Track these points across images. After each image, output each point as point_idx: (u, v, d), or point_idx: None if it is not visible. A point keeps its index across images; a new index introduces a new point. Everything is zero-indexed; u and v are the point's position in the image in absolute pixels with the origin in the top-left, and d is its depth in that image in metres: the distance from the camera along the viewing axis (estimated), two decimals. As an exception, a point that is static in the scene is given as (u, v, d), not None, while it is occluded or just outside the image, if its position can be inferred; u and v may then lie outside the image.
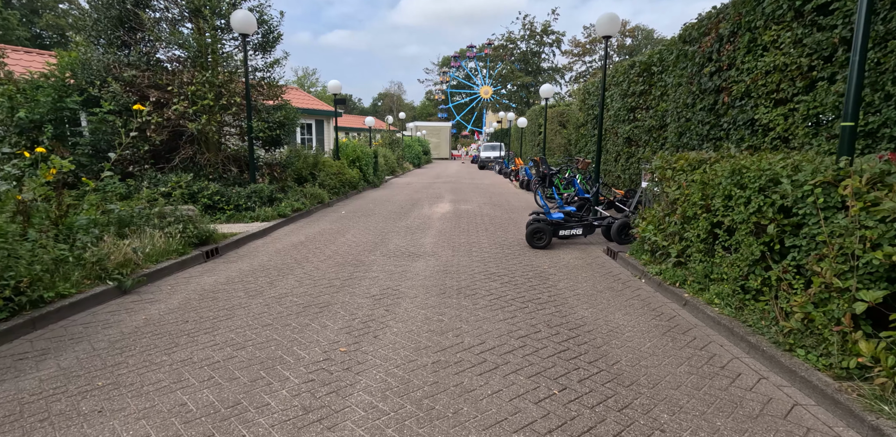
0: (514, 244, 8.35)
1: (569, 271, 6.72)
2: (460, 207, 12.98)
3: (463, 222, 10.55)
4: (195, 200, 9.52)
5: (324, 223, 10.41)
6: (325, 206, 12.94)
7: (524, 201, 14.66)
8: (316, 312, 4.87)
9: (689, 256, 5.56)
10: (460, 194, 16.39)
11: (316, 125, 17.28)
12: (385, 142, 26.51)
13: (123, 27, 9.60)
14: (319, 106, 17.33)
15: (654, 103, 10.97)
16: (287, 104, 11.58)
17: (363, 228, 9.87)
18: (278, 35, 11.48)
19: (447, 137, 47.89)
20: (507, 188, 19.14)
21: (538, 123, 23.82)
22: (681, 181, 5.94)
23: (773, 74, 6.05)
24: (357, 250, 7.73)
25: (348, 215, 11.54)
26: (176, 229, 6.96)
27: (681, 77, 8.85)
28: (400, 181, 21.95)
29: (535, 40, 44.52)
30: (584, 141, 17.00)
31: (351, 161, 17.27)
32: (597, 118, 15.67)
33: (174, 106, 9.34)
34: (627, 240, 7.90)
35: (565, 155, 19.39)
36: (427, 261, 7.06)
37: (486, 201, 14.48)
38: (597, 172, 10.37)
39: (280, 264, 6.88)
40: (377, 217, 11.25)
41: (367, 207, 12.95)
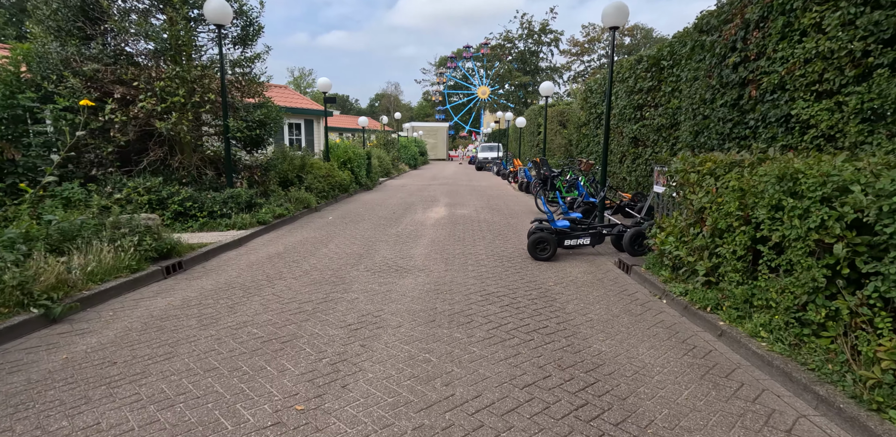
0: (514, 255, 7.48)
1: (577, 288, 5.85)
2: (456, 212, 12.10)
3: (458, 229, 9.68)
4: (164, 206, 8.62)
5: (307, 231, 9.52)
6: (312, 211, 12.05)
7: (524, 205, 13.79)
8: (276, 349, 3.98)
9: (723, 275, 4.69)
10: (456, 197, 15.52)
11: (305, 125, 16.40)
12: (380, 143, 25.61)
13: (86, 17, 8.70)
14: (309, 105, 16.47)
15: (664, 100, 10.11)
16: (269, 102, 10.69)
17: (349, 236, 8.98)
18: (259, 27, 10.59)
19: (444, 137, 47.01)
20: (505, 191, 18.27)
21: (537, 123, 22.96)
22: (709, 187, 5.07)
23: (814, 62, 5.19)
24: (338, 264, 6.85)
25: (335, 222, 10.65)
26: (130, 241, 6.07)
27: (697, 70, 7.99)
28: (394, 183, 21.07)
29: (534, 39, 43.65)
30: (585, 141, 16.13)
31: (342, 163, 16.39)
32: (599, 117, 14.83)
33: (140, 103, 8.45)
34: (641, 251, 7.03)
35: (566, 156, 18.54)
36: (416, 277, 6.17)
37: (483, 205, 13.61)
38: (603, 174, 9.50)
39: (249, 282, 5.99)
40: (366, 223, 10.36)
41: (356, 212, 12.06)
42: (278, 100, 15.98)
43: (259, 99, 10.56)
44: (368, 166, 18.85)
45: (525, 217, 11.43)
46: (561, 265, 6.95)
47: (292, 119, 15.94)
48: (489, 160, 32.21)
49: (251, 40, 10.56)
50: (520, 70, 44.59)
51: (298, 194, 11.67)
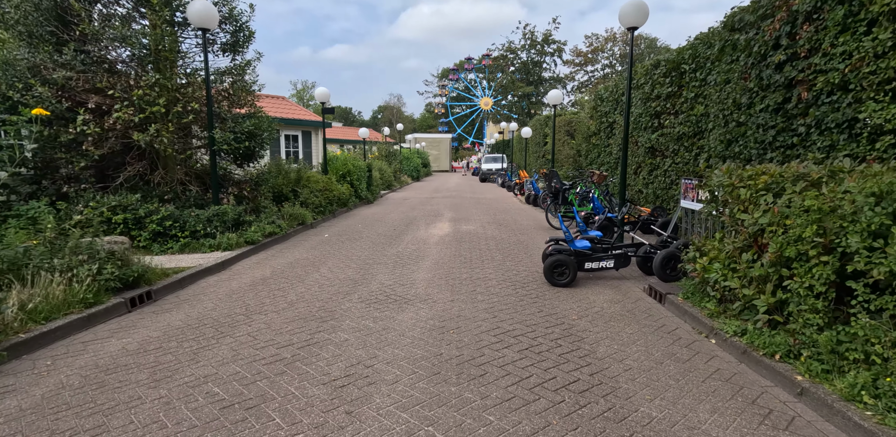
0: (528, 280, 6.60)
1: (606, 323, 4.96)
2: (461, 228, 11.24)
3: (464, 248, 8.81)
4: (142, 226, 7.80)
5: (300, 251, 8.67)
6: (308, 228, 11.21)
7: (532, 219, 12.93)
8: (236, 420, 3.10)
9: (794, 315, 3.80)
10: (461, 211, 14.67)
11: (303, 137, 15.67)
12: (381, 154, 24.88)
13: (59, 21, 7.97)
14: (307, 116, 15.77)
15: (686, 107, 9.29)
16: (259, 112, 9.92)
17: (345, 257, 8.13)
18: (250, 33, 9.87)
19: (447, 148, 46.35)
20: (511, 203, 17.43)
21: (543, 133, 22.19)
22: (768, 205, 4.21)
23: (889, 56, 4.35)
24: (329, 293, 5.98)
25: (331, 240, 9.80)
26: (88, 270, 5.23)
27: (728, 73, 7.17)
28: (396, 196, 20.26)
29: (536, 50, 43.12)
30: (596, 151, 15.32)
31: (341, 176, 15.61)
32: (611, 126, 14.03)
33: (116, 113, 7.67)
34: (675, 276, 6.14)
35: (575, 167, 17.71)
36: (418, 310, 5.30)
37: (489, 220, 12.75)
38: (622, 188, 8.65)
39: (224, 316, 5.12)
40: (364, 242, 9.51)
41: (354, 229, 11.22)
42: (275, 111, 15.27)
43: (250, 109, 9.79)
44: (369, 179, 18.07)
45: (535, 233, 10.56)
46: (583, 293, 6.07)
47: (289, 131, 15.22)
48: (493, 172, 31.44)
49: (241, 47, 9.83)
50: (523, 81, 44.00)
51: (292, 210, 10.85)
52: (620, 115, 13.08)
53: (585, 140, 17.06)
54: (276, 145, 14.72)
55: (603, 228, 9.26)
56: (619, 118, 13.14)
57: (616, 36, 47.95)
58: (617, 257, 6.61)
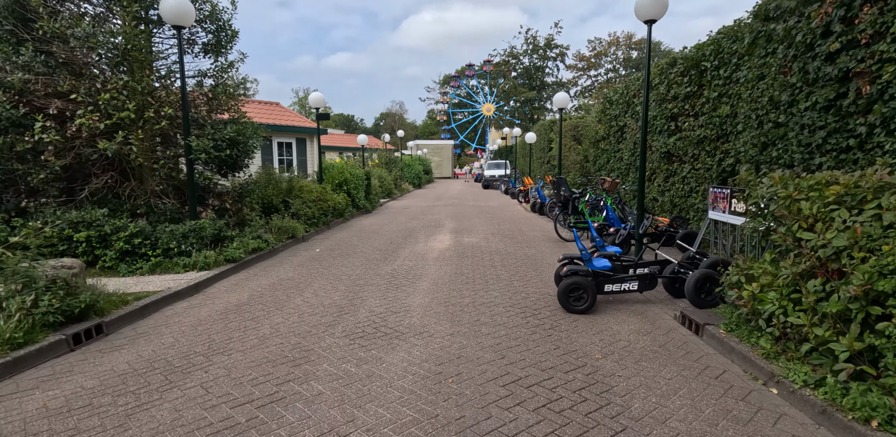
0: (540, 305, 5.73)
1: (637, 364, 4.09)
2: (463, 241, 10.38)
3: (467, 265, 7.95)
4: (107, 243, 6.98)
5: (285, 269, 7.84)
6: (299, 241, 10.38)
7: (539, 230, 12.06)
8: None
9: (891, 366, 2.92)
10: (463, 221, 13.81)
11: (297, 144, 14.88)
12: (382, 162, 24.10)
13: (17, 19, 7.21)
14: (301, 122, 15.00)
15: (708, 108, 8.45)
16: (243, 117, 9.13)
17: (334, 276, 7.28)
18: (233, 33, 9.10)
19: (449, 155, 45.60)
20: (516, 212, 16.57)
21: (548, 138, 21.37)
22: (843, 222, 3.34)
23: None
24: (309, 324, 5.13)
25: (322, 255, 8.96)
26: (19, 302, 4.39)
27: (763, 67, 6.32)
28: (396, 205, 19.44)
29: (539, 55, 42.43)
30: (604, 157, 14.47)
31: (337, 185, 14.80)
32: (622, 130, 13.18)
33: (79, 120, 6.88)
34: (711, 301, 5.26)
35: (582, 173, 16.87)
36: (411, 348, 4.43)
37: (494, 230, 11.89)
38: (640, 196, 7.80)
39: (179, 357, 4.28)
40: (357, 257, 8.66)
41: (349, 242, 10.38)
42: (268, 117, 14.51)
43: (233, 115, 9.00)
44: (368, 187, 17.26)
45: (543, 246, 9.69)
46: (604, 321, 5.19)
47: (283, 138, 14.45)
48: (496, 178, 30.62)
49: (224, 48, 9.06)
50: (525, 86, 43.26)
51: (281, 223, 10.02)
52: (632, 118, 12.25)
53: (593, 145, 16.22)
54: (269, 153, 13.95)
55: (622, 242, 8.40)
56: (630, 121, 12.31)
57: (619, 40, 47.29)
58: (641, 278, 5.74)
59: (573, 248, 9.51)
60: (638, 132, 11.78)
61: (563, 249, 9.42)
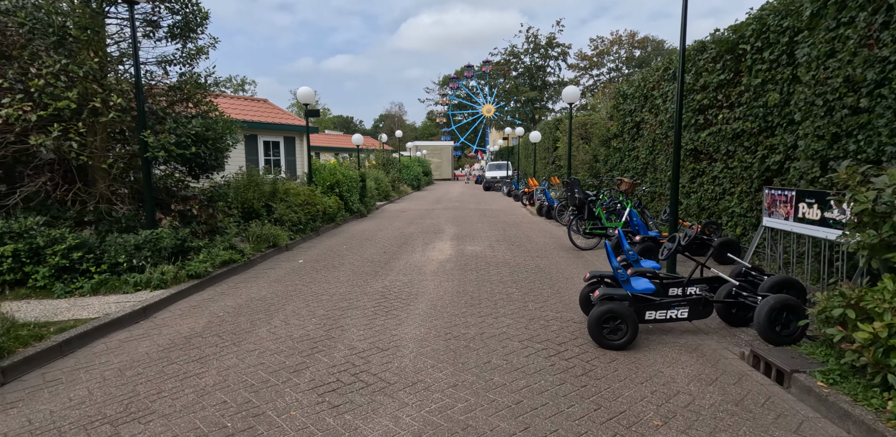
0: (565, 337, 4.53)
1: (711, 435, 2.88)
2: (466, 249, 9.18)
3: (471, 281, 6.75)
4: (40, 258, 5.79)
5: (258, 286, 6.64)
6: (281, 250, 9.18)
7: (549, 236, 10.87)
8: None
9: None
10: (465, 226, 12.61)
11: (286, 144, 13.70)
12: (379, 163, 22.91)
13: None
14: (289, 120, 13.82)
15: (748, 98, 7.27)
16: (213, 110, 7.94)
17: (314, 295, 6.08)
18: (204, 15, 7.92)
19: (449, 156, 44.39)
20: (521, 215, 15.37)
21: (553, 137, 20.18)
22: None
23: None
24: (270, 368, 3.92)
25: (305, 268, 7.77)
26: None
27: (834, 42, 5.13)
28: (393, 208, 18.25)
29: (540, 54, 41.22)
30: (618, 156, 13.28)
31: (328, 187, 13.60)
32: (638, 126, 11.98)
33: (5, 109, 5.69)
34: (789, 337, 4.06)
35: (591, 174, 15.68)
36: (399, 411, 3.22)
37: (499, 237, 10.69)
38: (674, 199, 6.62)
39: (77, 428, 3.08)
40: (345, 270, 7.47)
41: (337, 252, 9.18)
42: (254, 114, 13.34)
43: (203, 108, 7.82)
44: (362, 190, 16.07)
45: (557, 255, 8.49)
46: (649, 361, 4.00)
47: (269, 136, 13.26)
48: (498, 180, 29.41)
49: (193, 31, 7.87)
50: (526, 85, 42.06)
51: (261, 230, 8.83)
52: (650, 112, 11.07)
53: (603, 144, 15.05)
54: (254, 153, 12.77)
55: (645, 251, 7.21)
56: (648, 117, 11.12)
57: (622, 38, 46.10)
58: (693, 304, 4.53)
59: (591, 258, 8.31)
60: (658, 128, 10.60)
61: (579, 259, 8.23)
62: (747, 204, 7.59)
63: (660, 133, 10.50)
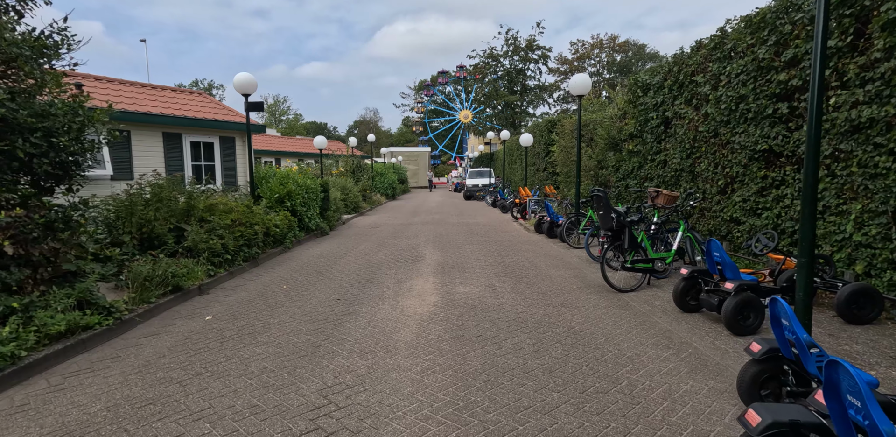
0: None
1: None
2: (456, 293, 6.38)
3: (474, 373, 3.94)
4: None
5: (106, 384, 3.69)
6: (190, 295, 6.23)
7: (562, 264, 8.16)
8: None
9: None
10: (450, 250, 9.82)
11: (222, 146, 10.69)
12: (348, 169, 19.96)
13: None
14: (226, 116, 10.82)
15: (888, 70, 4.71)
16: (57, 87, 4.99)
17: (189, 415, 3.18)
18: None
19: (426, 163, 41.61)
20: (514, 232, 12.66)
21: (547, 140, 17.59)
22: None
23: None
24: None
25: (207, 333, 4.84)
26: None
27: None
28: (363, 222, 15.34)
29: (520, 56, 38.93)
30: (634, 161, 10.71)
31: (277, 200, 10.65)
32: (666, 124, 9.40)
33: None
34: None
35: (596, 182, 13.08)
36: None
37: (497, 267, 7.93)
38: (808, 225, 3.96)
39: None
40: (264, 344, 4.57)
41: (270, 298, 6.26)
42: (181, 108, 10.31)
43: (27, 83, 4.84)
44: (324, 202, 13.14)
45: (588, 300, 5.75)
46: None
47: (198, 136, 10.26)
48: (480, 188, 26.73)
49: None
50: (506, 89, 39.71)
51: (152, 268, 5.86)
52: (689, 104, 8.49)
53: (611, 147, 12.49)
54: (177, 157, 9.76)
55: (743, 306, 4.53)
56: (685, 110, 8.54)
57: (603, 42, 44.23)
58: None
59: (639, 305, 5.60)
60: (702, 123, 8.02)
61: (624, 310, 5.50)
62: (876, 230, 5.02)
63: (705, 130, 7.92)
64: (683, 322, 5.05)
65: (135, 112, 8.88)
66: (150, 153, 9.31)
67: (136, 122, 8.99)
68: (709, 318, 5.17)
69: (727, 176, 7.51)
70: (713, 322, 5.02)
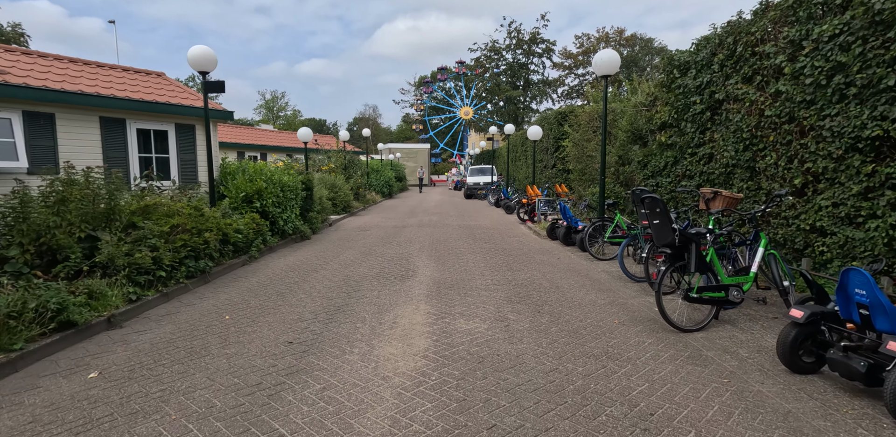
0: None
1: None
2: (455, 331, 4.60)
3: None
4: None
5: None
6: (94, 331, 4.45)
7: (590, 283, 6.38)
8: None
9: None
10: (449, 262, 8.04)
11: (179, 135, 8.83)
12: (339, 165, 18.17)
13: None
14: (185, 99, 8.96)
15: None
16: None
17: None
18: None
19: (425, 160, 39.80)
20: (524, 238, 10.87)
21: (557, 133, 15.76)
22: None
23: None
24: None
25: (72, 407, 3.05)
26: None
27: None
28: (353, 224, 13.55)
29: (523, 50, 36.94)
30: (667, 155, 8.90)
31: (244, 200, 8.86)
32: (712, 110, 7.53)
33: None
34: None
35: (620, 181, 11.27)
36: None
37: (508, 288, 6.15)
38: None
39: None
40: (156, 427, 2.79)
41: (198, 336, 4.48)
42: (119, 87, 8.50)
43: None
44: (306, 202, 11.35)
45: (633, 335, 3.97)
46: None
47: (147, 123, 8.42)
48: (481, 186, 24.93)
49: None
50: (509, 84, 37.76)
51: (21, 298, 4.07)
52: (746, 83, 6.67)
53: (634, 140, 10.70)
54: (119, 147, 7.95)
55: None
56: (745, 91, 6.71)
57: (609, 36, 42.32)
58: None
59: (720, 359, 3.80)
60: (769, 106, 6.21)
61: (701, 363, 3.71)
62: None
63: (774, 114, 6.11)
64: (804, 395, 3.27)
65: (60, 91, 7.08)
66: (83, 142, 7.52)
67: (62, 103, 7.19)
68: (842, 387, 3.39)
69: (807, 173, 5.72)
70: (854, 396, 3.23)
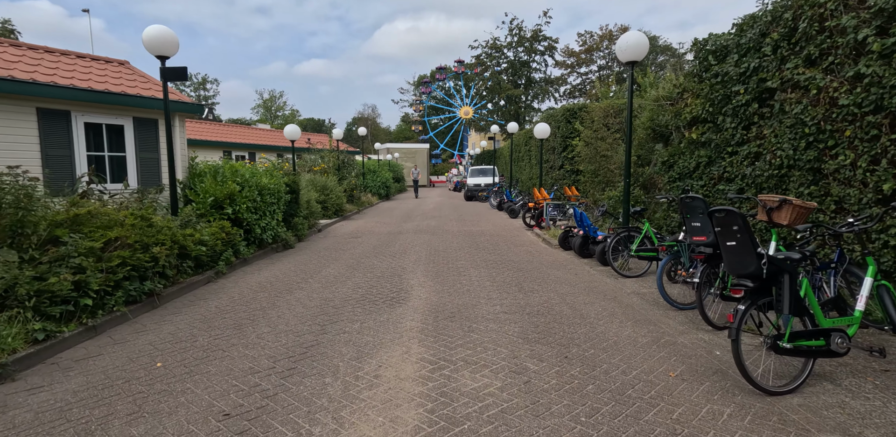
0: None
1: None
2: (458, 393, 3.36)
3: None
4: None
5: None
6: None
7: (623, 310, 5.15)
8: None
9: None
10: (449, 278, 6.81)
11: (139, 130, 7.59)
12: (331, 166, 16.93)
13: None
14: (146, 90, 7.72)
15: None
16: None
17: None
18: None
19: (424, 160, 38.57)
20: (532, 247, 9.63)
21: (564, 133, 14.52)
22: None
23: None
24: None
25: None
26: None
27: None
28: (344, 230, 12.32)
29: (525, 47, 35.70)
30: (700, 155, 7.67)
31: (214, 205, 7.63)
32: (757, 100, 6.21)
33: None
34: None
35: (640, 185, 10.02)
36: None
37: (525, 322, 4.92)
38: None
39: None
40: None
41: (110, 396, 3.24)
42: (65, 74, 7.24)
43: None
44: (290, 206, 10.12)
45: (702, 400, 2.74)
46: None
47: (99, 116, 7.16)
48: (483, 188, 23.70)
49: None
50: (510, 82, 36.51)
51: None
52: (811, 66, 5.43)
53: (655, 138, 9.48)
54: (63, 144, 6.70)
55: None
56: (807, 75, 5.47)
57: (612, 33, 41.08)
58: None
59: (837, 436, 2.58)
60: (845, 95, 4.98)
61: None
62: None
63: (852, 102, 4.88)
64: None
65: None
66: (14, 138, 6.27)
67: (-16, 91, 5.95)
68: None
69: None
70: None
